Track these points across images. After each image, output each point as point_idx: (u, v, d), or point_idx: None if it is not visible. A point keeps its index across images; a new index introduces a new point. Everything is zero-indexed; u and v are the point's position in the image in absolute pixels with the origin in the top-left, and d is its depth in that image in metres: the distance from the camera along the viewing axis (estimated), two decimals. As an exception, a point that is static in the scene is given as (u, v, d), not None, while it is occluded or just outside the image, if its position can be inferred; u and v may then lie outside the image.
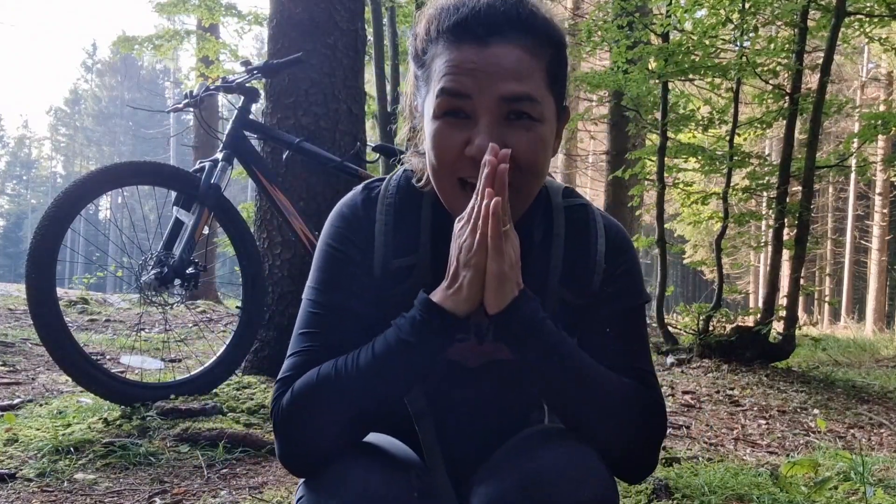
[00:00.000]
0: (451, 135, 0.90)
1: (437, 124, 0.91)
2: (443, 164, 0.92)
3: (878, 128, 5.41)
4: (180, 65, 33.83)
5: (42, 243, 2.18)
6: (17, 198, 53.57)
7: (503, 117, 0.89)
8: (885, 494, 1.92)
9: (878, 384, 4.73)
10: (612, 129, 9.90)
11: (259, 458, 2.16)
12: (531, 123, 0.90)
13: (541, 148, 0.92)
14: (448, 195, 0.94)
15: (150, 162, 2.50)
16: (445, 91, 0.89)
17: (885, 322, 16.36)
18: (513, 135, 0.89)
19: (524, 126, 0.90)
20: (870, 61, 19.59)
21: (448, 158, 0.91)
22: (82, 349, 2.31)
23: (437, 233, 1.00)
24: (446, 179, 0.93)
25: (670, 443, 2.72)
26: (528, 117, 0.90)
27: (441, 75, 0.90)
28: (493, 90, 0.88)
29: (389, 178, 1.04)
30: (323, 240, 1.02)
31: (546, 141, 0.93)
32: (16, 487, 1.84)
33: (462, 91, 0.89)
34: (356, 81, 3.16)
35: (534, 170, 0.92)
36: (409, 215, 1.01)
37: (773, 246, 5.19)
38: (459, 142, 0.90)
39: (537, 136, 0.91)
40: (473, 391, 1.05)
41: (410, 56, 0.99)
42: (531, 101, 0.90)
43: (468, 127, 0.90)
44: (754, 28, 5.64)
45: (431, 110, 0.92)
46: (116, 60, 49.21)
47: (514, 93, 0.88)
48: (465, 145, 0.89)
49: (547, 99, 0.92)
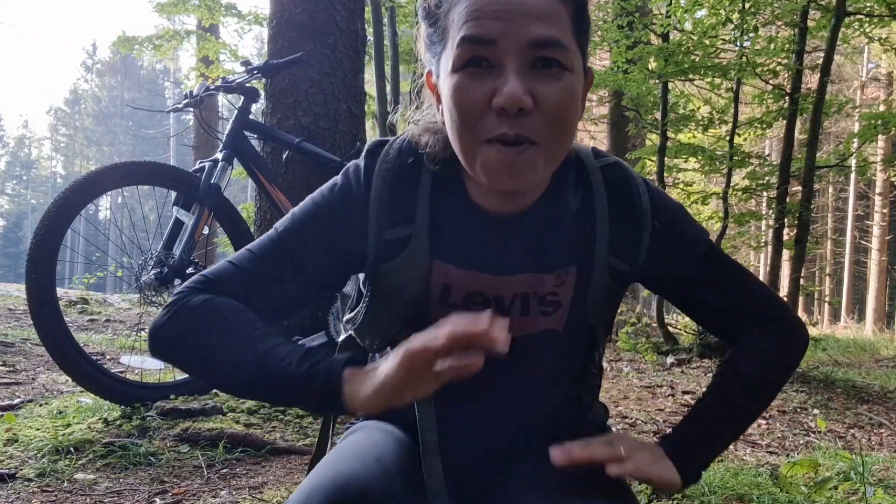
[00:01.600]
0: (475, 87, 0.81)
1: (457, 77, 0.82)
2: (466, 122, 0.82)
3: (878, 128, 5.41)
4: (180, 65, 33.83)
5: (42, 243, 2.18)
6: (17, 198, 53.57)
7: (530, 65, 0.80)
8: (885, 494, 1.92)
9: (878, 384, 4.73)
10: (612, 129, 9.89)
11: (259, 458, 2.16)
12: (561, 72, 0.81)
13: (570, 98, 0.82)
14: (473, 159, 0.84)
15: (150, 162, 2.50)
16: (467, 39, 0.80)
17: (885, 322, 16.37)
18: (541, 84, 0.80)
19: (553, 75, 0.81)
20: (870, 61, 19.58)
21: (473, 113, 0.81)
22: (82, 349, 2.31)
23: (436, 201, 0.93)
24: (471, 139, 0.83)
25: (670, 443, 2.72)
26: (557, 65, 0.81)
27: (461, 23, 0.81)
28: (521, 33, 0.79)
29: (391, 144, 0.96)
30: (319, 190, 0.96)
31: (576, 92, 0.83)
32: (16, 487, 1.84)
33: (486, 36, 0.80)
34: (356, 81, 3.16)
35: (563, 124, 0.82)
36: (407, 183, 0.93)
37: (773, 246, 5.18)
38: (484, 94, 0.80)
39: (567, 86, 0.82)
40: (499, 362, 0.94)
41: (421, 16, 0.90)
42: (561, 47, 0.81)
43: (492, 77, 0.80)
44: (754, 28, 5.63)
45: (450, 64, 0.83)
46: (116, 60, 49.24)
47: (542, 37, 0.79)
48: (490, 98, 0.80)
49: (574, 49, 0.84)
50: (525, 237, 0.92)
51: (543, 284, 0.93)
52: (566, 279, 0.94)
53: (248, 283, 0.91)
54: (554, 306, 0.94)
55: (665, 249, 0.96)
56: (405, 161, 0.93)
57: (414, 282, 0.93)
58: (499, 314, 0.88)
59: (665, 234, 0.96)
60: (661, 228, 0.95)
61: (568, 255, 0.93)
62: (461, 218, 0.92)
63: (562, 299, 0.94)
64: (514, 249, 0.92)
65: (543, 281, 0.93)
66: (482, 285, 0.93)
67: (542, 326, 0.94)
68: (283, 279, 0.92)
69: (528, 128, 0.80)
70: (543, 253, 0.93)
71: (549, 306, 0.94)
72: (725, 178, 5.94)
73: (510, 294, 0.93)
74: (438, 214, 0.93)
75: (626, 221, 0.94)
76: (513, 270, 0.92)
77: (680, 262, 0.98)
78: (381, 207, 0.92)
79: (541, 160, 0.82)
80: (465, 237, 0.93)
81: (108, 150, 50.00)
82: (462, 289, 0.93)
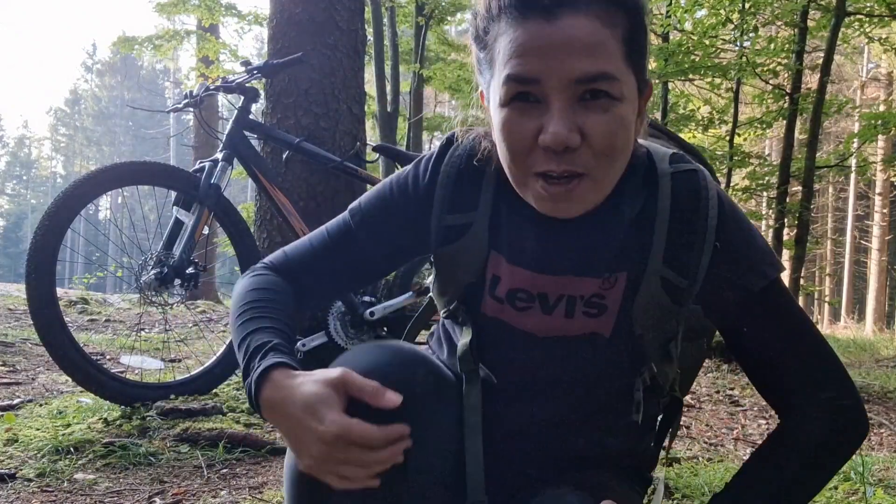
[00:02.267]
0: (522, 123, 0.81)
1: (505, 112, 0.82)
2: (516, 157, 0.83)
3: (878, 128, 5.42)
4: (180, 65, 33.85)
5: (42, 243, 2.18)
6: (17, 198, 53.56)
7: (577, 99, 0.79)
8: (884, 494, 1.92)
9: (878, 384, 4.72)
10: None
11: (259, 458, 2.16)
12: (609, 103, 0.80)
13: (620, 129, 0.81)
14: (524, 188, 0.86)
15: (150, 162, 2.50)
16: (512, 77, 0.80)
17: (885, 322, 16.36)
18: (589, 117, 0.79)
19: (602, 107, 0.80)
20: (870, 61, 19.58)
21: (521, 150, 0.82)
22: (82, 349, 2.30)
23: (501, 195, 0.94)
24: (521, 173, 0.84)
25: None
26: (606, 96, 0.80)
27: (507, 59, 0.80)
28: (566, 70, 0.78)
29: (467, 136, 0.98)
30: (387, 181, 1.02)
31: (626, 120, 0.82)
32: (16, 487, 1.84)
33: (530, 76, 0.79)
34: (356, 81, 3.16)
35: (611, 154, 0.81)
36: (473, 175, 0.96)
37: (773, 246, 5.19)
38: (531, 130, 0.81)
39: (616, 116, 0.80)
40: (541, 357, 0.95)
41: (471, 38, 0.90)
42: (608, 79, 0.79)
43: (540, 112, 0.80)
44: (754, 28, 5.64)
45: (498, 98, 0.83)
46: (116, 60, 49.22)
47: (587, 73, 0.78)
48: (537, 133, 0.80)
49: (626, 75, 0.82)
50: (576, 239, 0.92)
51: (588, 287, 0.92)
52: (615, 284, 0.92)
53: (314, 263, 1.02)
54: (599, 309, 0.93)
55: (720, 273, 0.90)
56: (472, 156, 0.96)
57: (470, 267, 0.96)
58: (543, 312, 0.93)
59: (724, 255, 0.90)
60: (723, 249, 0.90)
61: (620, 261, 0.91)
62: (517, 215, 0.94)
63: (609, 304, 0.92)
64: (563, 250, 0.92)
65: (591, 284, 0.92)
66: (528, 282, 0.94)
67: (587, 329, 0.93)
68: (347, 262, 1.02)
69: (576, 163, 0.80)
70: (593, 256, 0.92)
71: (595, 308, 0.93)
72: (725, 178, 5.94)
73: (555, 294, 0.93)
74: (499, 208, 0.96)
75: (687, 234, 0.89)
76: (559, 271, 0.93)
77: (732, 289, 0.90)
78: (445, 193, 0.96)
79: (590, 191, 0.83)
80: (517, 234, 0.94)
81: (108, 150, 49.99)
82: (508, 283, 0.95)
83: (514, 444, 0.98)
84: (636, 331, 0.92)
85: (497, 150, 0.89)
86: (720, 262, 0.90)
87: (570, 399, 0.97)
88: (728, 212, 0.91)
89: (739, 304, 0.91)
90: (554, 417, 0.97)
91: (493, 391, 0.97)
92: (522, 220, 0.94)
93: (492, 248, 0.95)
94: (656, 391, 0.99)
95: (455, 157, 0.97)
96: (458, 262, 0.97)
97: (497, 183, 0.95)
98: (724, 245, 0.89)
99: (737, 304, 0.91)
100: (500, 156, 0.88)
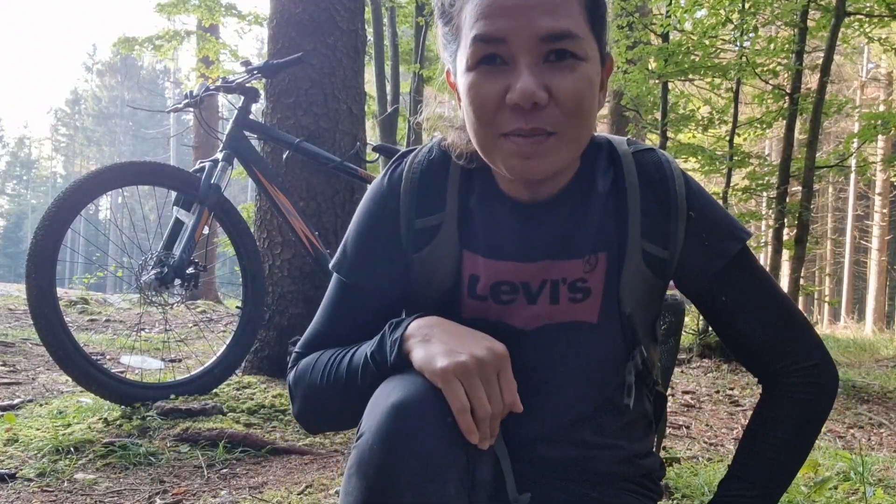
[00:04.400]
0: (489, 84, 0.82)
1: (471, 76, 0.83)
2: (482, 118, 0.83)
3: (878, 128, 5.42)
4: (180, 65, 33.88)
5: (42, 243, 2.18)
6: (17, 198, 53.55)
7: (543, 59, 0.81)
8: (884, 494, 1.92)
9: (878, 384, 4.73)
10: (612, 129, 9.87)
11: (259, 458, 2.16)
12: (575, 63, 0.81)
13: (587, 88, 0.82)
14: (492, 153, 0.85)
15: (150, 162, 2.50)
16: (479, 38, 0.81)
17: (885, 322, 16.36)
18: (556, 76, 0.80)
19: (568, 66, 0.81)
20: (870, 61, 19.58)
21: (488, 110, 0.82)
22: (82, 349, 2.30)
23: (465, 192, 0.94)
24: (488, 136, 0.84)
25: (670, 443, 2.72)
26: (571, 56, 0.81)
27: (473, 22, 0.82)
28: (531, 29, 0.79)
29: (422, 147, 0.99)
30: (356, 215, 1.00)
31: (592, 81, 0.83)
32: (16, 487, 1.84)
33: (497, 35, 0.80)
34: (356, 81, 3.16)
35: (581, 113, 0.82)
36: (436, 176, 0.95)
37: (773, 246, 5.19)
38: (498, 91, 0.81)
39: (582, 76, 0.82)
40: (532, 355, 0.93)
41: (437, 15, 0.91)
42: (573, 37, 0.80)
43: (506, 73, 0.81)
44: (754, 28, 5.63)
45: (464, 62, 0.84)
46: (116, 61, 49.23)
47: (553, 30, 0.79)
48: (504, 94, 0.81)
49: (589, 38, 0.83)
50: (552, 223, 0.92)
51: (572, 270, 0.92)
52: (596, 264, 0.92)
53: (327, 340, 0.98)
54: (584, 293, 0.92)
55: (697, 241, 0.93)
56: (433, 158, 0.96)
57: (445, 271, 0.94)
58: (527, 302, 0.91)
59: (699, 223, 0.92)
60: (697, 218, 0.92)
61: (598, 240, 0.91)
62: (488, 207, 0.93)
63: (592, 286, 0.92)
64: (540, 235, 0.92)
65: (572, 267, 0.92)
66: (508, 273, 0.93)
67: (574, 316, 0.92)
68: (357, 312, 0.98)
69: (545, 120, 0.81)
70: (571, 238, 0.92)
71: (579, 293, 0.92)
72: (725, 178, 5.94)
73: (537, 281, 0.92)
74: (466, 204, 0.94)
75: (660, 204, 0.92)
76: (539, 256, 0.92)
77: (709, 257, 0.93)
78: (411, 199, 0.94)
79: (560, 147, 0.83)
80: (491, 226, 0.93)
81: (108, 150, 49.99)
82: (489, 278, 0.93)
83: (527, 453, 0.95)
84: (625, 310, 0.92)
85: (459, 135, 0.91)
86: (694, 230, 0.92)
87: (566, 398, 0.95)
88: (692, 184, 0.94)
89: (717, 273, 0.94)
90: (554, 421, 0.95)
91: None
92: (496, 212, 0.93)
93: (464, 248, 0.94)
94: (645, 379, 0.99)
95: (416, 163, 0.96)
96: (433, 266, 0.94)
97: (462, 179, 0.95)
98: (697, 214, 0.92)
99: (714, 273, 0.94)
100: (467, 124, 0.87)
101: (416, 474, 0.74)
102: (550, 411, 0.95)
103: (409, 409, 0.76)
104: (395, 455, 0.74)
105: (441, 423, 0.76)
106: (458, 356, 0.78)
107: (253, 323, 2.66)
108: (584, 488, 0.96)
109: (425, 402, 0.77)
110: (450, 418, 0.76)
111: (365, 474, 0.75)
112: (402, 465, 0.74)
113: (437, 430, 0.76)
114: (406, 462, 0.74)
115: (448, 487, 0.75)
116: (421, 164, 0.96)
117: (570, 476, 0.96)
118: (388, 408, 0.76)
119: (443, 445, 0.76)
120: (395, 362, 0.84)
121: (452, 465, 0.76)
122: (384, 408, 0.77)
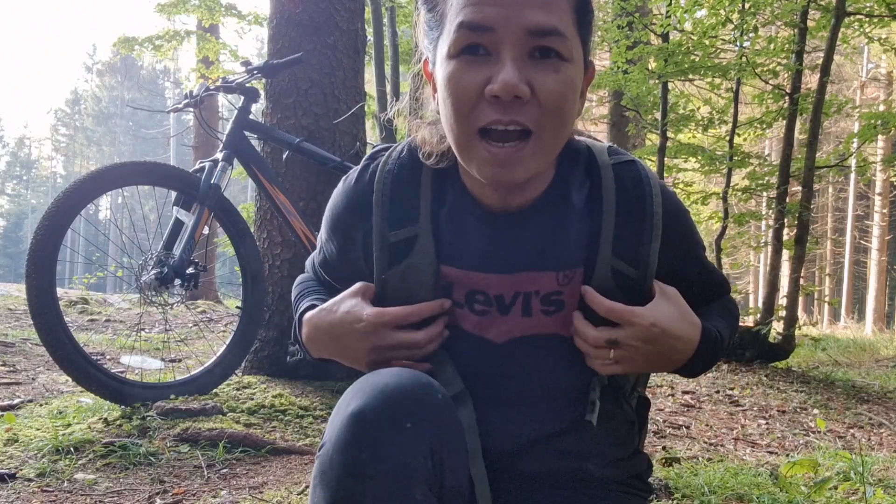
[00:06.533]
0: (469, 75, 0.79)
1: (452, 64, 0.80)
2: (460, 110, 0.80)
3: (878, 128, 5.42)
4: (180, 65, 33.88)
5: (42, 243, 2.18)
6: (17, 198, 53.55)
7: (528, 54, 0.79)
8: (884, 494, 1.92)
9: (878, 384, 4.73)
10: (612, 129, 9.88)
11: (259, 458, 2.16)
12: (559, 63, 0.79)
13: (568, 90, 0.80)
14: (468, 153, 0.82)
15: (150, 162, 2.50)
16: (465, 24, 0.78)
17: (885, 322, 16.37)
18: (539, 74, 0.78)
19: (552, 65, 0.79)
20: (870, 61, 19.58)
21: (467, 101, 0.79)
22: (82, 349, 2.30)
23: (437, 201, 0.92)
24: (465, 131, 0.81)
25: (670, 443, 2.72)
26: (556, 55, 0.79)
27: (460, 8, 0.79)
28: (520, 20, 0.77)
29: (393, 148, 0.96)
30: (325, 219, 1.02)
31: (574, 84, 0.81)
32: (16, 487, 1.84)
33: (485, 23, 0.77)
34: (356, 81, 3.16)
35: (560, 115, 0.80)
36: (408, 184, 0.92)
37: (773, 246, 5.19)
38: (478, 82, 0.78)
39: (566, 77, 0.80)
40: (506, 367, 0.92)
41: (420, 1, 0.89)
42: (560, 35, 0.79)
43: (489, 65, 0.78)
44: (754, 28, 5.64)
45: (447, 50, 0.81)
46: (116, 61, 49.22)
47: (541, 25, 0.77)
48: (484, 86, 0.78)
49: (575, 40, 0.82)
50: (526, 234, 0.90)
51: (545, 283, 0.90)
52: (572, 278, 0.90)
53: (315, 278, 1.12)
54: (557, 306, 0.91)
55: (672, 256, 0.94)
56: (404, 163, 0.93)
57: (423, 285, 0.92)
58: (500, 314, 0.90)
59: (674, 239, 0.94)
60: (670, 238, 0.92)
61: (574, 255, 0.90)
62: (460, 216, 0.91)
63: (566, 300, 0.91)
64: (514, 246, 0.90)
65: (545, 279, 0.90)
66: (482, 284, 0.91)
67: (547, 329, 0.91)
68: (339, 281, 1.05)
69: (524, 116, 0.79)
70: (545, 250, 0.90)
71: (552, 305, 0.91)
72: (725, 178, 5.95)
73: (510, 293, 0.90)
74: (439, 214, 0.92)
75: (634, 223, 0.89)
76: (513, 268, 0.90)
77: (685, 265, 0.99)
78: (383, 212, 0.92)
79: (535, 155, 0.81)
80: (464, 236, 0.91)
81: (108, 150, 49.99)
82: (463, 288, 0.92)
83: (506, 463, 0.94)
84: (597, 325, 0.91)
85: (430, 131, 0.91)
86: (670, 244, 0.93)
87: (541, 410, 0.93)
88: (670, 198, 0.94)
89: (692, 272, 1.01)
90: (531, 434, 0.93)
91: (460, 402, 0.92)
92: (469, 222, 0.91)
93: (441, 263, 0.92)
94: (617, 391, 0.98)
95: (386, 172, 0.93)
96: (410, 282, 0.92)
97: (434, 183, 0.92)
98: (671, 234, 0.92)
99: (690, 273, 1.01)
100: (442, 116, 0.84)
101: (377, 483, 0.73)
102: (527, 424, 0.93)
103: (368, 417, 0.75)
104: (355, 464, 0.73)
105: (400, 430, 0.75)
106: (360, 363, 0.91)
107: (253, 323, 2.66)
108: (573, 493, 0.95)
109: (384, 409, 0.75)
110: (409, 424, 0.75)
111: (328, 484, 0.74)
112: (363, 473, 0.73)
113: (397, 437, 0.74)
114: (366, 470, 0.73)
115: (413, 493, 0.74)
116: (392, 172, 0.93)
117: (557, 483, 0.95)
118: (346, 416, 0.75)
119: (403, 452, 0.74)
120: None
121: (416, 470, 0.75)
122: (343, 416, 0.76)
